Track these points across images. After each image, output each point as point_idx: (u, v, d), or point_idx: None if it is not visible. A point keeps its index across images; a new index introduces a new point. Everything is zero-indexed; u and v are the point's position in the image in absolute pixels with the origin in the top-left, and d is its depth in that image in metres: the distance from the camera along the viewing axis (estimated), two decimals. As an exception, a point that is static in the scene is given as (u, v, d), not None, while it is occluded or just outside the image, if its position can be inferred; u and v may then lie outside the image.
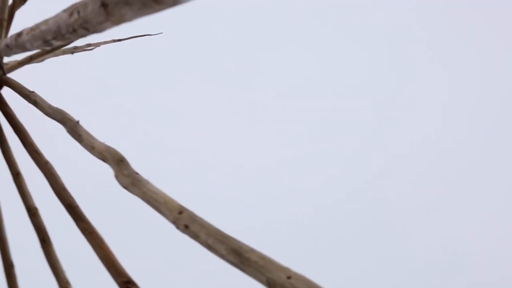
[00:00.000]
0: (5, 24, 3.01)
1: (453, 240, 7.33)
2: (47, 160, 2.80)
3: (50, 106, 2.64)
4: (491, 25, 8.11)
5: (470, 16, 8.06)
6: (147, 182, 1.37)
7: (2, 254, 3.76)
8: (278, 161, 7.87)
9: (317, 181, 7.86)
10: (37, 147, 2.76)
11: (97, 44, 2.71)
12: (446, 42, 8.34)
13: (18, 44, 1.78)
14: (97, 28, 1.08)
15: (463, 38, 8.22)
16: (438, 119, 8.23)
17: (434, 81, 8.28)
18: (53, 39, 1.38)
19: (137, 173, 1.46)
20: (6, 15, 2.99)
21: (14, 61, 3.60)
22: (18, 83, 3.50)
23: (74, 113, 2.62)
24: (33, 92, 2.98)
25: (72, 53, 2.94)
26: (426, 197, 7.85)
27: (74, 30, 1.22)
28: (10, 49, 2.14)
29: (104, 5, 0.97)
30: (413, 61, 8.28)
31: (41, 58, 3.13)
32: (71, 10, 1.15)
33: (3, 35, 3.55)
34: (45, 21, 1.39)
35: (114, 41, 2.92)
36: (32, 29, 1.54)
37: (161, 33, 2.77)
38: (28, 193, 2.68)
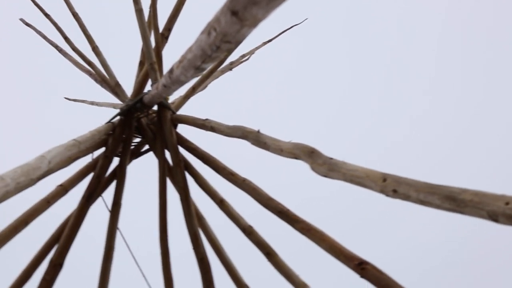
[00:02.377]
0: (156, 66, 3.29)
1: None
2: (244, 178, 3.01)
3: (227, 127, 2.82)
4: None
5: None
6: (344, 163, 1.42)
7: (233, 276, 4.13)
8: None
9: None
10: (230, 170, 2.95)
11: (251, 52, 2.79)
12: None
13: (173, 80, 1.94)
14: (238, 37, 1.15)
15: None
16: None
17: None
18: (203, 63, 1.50)
19: (331, 158, 1.52)
20: (154, 58, 3.26)
21: (179, 98, 3.94)
22: (190, 117, 3.83)
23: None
24: (207, 119, 3.24)
25: (230, 69, 3.08)
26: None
27: (218, 47, 1.30)
28: (169, 88, 2.35)
29: (234, 13, 1.03)
30: None
31: (203, 85, 3.30)
32: (208, 30, 1.24)
33: (158, 77, 3.91)
34: (189, 49, 1.51)
35: (265, 43, 2.99)
36: (180, 61, 1.68)
37: (306, 19, 2.77)
38: (238, 215, 2.88)
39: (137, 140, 4.06)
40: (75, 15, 2.81)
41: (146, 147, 4.18)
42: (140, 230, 5.12)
